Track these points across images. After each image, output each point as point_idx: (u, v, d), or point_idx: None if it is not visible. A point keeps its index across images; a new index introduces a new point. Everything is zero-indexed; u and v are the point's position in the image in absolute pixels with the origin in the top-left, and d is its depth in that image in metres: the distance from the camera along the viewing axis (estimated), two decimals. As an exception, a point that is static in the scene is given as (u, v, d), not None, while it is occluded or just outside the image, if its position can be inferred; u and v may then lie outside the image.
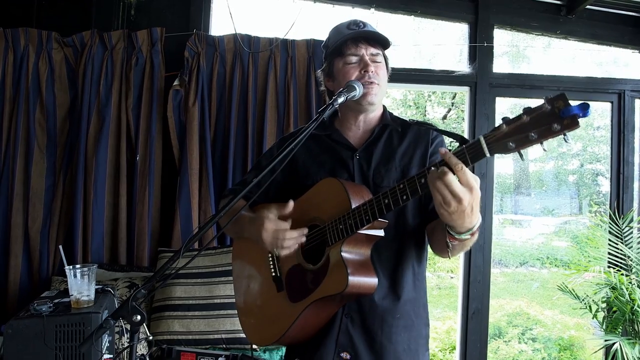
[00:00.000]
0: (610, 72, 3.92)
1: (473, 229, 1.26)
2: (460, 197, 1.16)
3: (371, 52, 1.56)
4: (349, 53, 1.56)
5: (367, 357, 1.50)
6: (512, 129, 1.08)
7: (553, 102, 1.02)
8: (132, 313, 1.20)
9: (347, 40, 1.56)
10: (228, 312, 2.83)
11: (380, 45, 1.59)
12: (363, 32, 1.55)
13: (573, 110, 1.00)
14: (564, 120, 1.01)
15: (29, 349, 2.07)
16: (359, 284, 1.39)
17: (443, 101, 8.61)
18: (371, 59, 1.56)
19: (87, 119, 3.23)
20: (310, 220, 1.52)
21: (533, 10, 3.63)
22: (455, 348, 4.28)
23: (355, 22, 1.58)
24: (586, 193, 7.08)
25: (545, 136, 1.04)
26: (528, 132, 1.06)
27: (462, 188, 1.16)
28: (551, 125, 1.02)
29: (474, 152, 1.14)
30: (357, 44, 1.56)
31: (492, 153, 1.11)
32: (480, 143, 1.12)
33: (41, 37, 3.26)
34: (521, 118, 1.07)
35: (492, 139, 1.11)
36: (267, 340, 1.60)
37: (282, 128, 3.30)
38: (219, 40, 3.32)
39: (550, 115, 1.03)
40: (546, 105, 1.03)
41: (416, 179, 1.25)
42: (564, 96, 1.02)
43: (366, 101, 1.56)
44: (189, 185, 3.20)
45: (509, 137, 1.08)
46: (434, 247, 1.55)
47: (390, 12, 3.63)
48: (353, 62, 1.56)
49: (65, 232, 3.25)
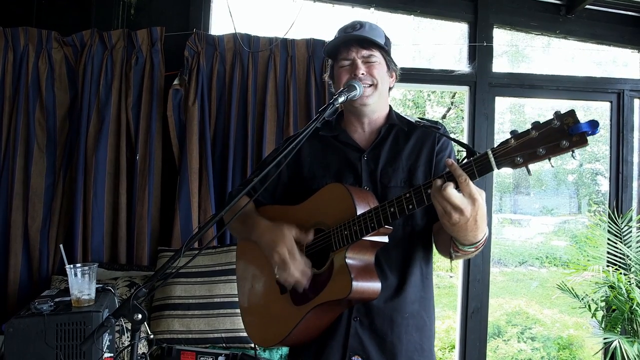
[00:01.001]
0: (609, 71, 3.93)
1: (477, 244, 1.27)
2: (462, 209, 1.17)
3: (362, 55, 1.56)
4: (341, 57, 1.58)
5: (379, 358, 1.50)
6: (521, 144, 1.08)
7: (562, 118, 1.03)
8: (133, 312, 1.20)
9: (339, 45, 1.57)
10: (228, 311, 2.83)
11: (375, 46, 1.58)
12: (353, 36, 1.55)
13: (582, 128, 1.00)
14: (573, 137, 1.01)
15: (29, 348, 2.08)
16: (363, 290, 1.39)
17: (442, 101, 8.60)
18: (364, 60, 1.56)
19: (87, 118, 3.23)
20: (315, 224, 1.52)
21: (532, 9, 3.63)
22: (454, 347, 4.28)
23: (353, 24, 1.58)
24: (585, 192, 7.09)
25: (553, 152, 1.05)
26: (536, 148, 1.06)
27: (463, 200, 1.17)
28: (560, 142, 1.03)
29: (481, 166, 1.14)
30: (349, 48, 1.56)
31: (500, 167, 1.12)
32: (488, 157, 1.13)
33: (41, 37, 3.26)
34: (529, 133, 1.07)
35: (500, 153, 1.11)
36: (270, 341, 1.59)
37: (282, 127, 3.30)
38: (218, 39, 3.32)
39: (559, 131, 1.03)
40: (555, 121, 1.03)
41: (422, 189, 1.25)
42: (573, 113, 1.02)
43: (359, 102, 1.55)
44: (189, 185, 3.20)
45: (517, 152, 1.09)
46: (438, 247, 1.55)
47: (390, 12, 3.63)
48: (345, 65, 1.57)
49: (65, 231, 3.25)
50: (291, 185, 1.67)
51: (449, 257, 1.41)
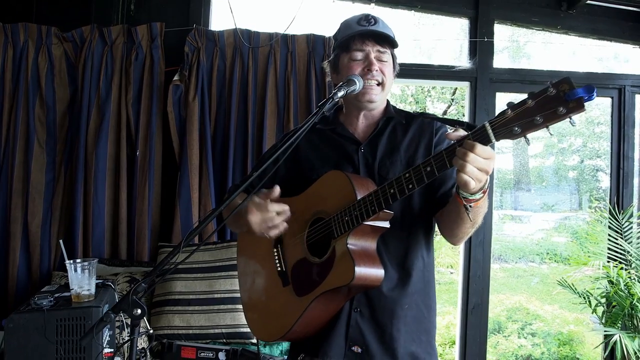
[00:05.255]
0: (610, 67, 3.92)
1: (485, 187, 1.27)
2: (487, 168, 1.18)
3: (378, 50, 1.56)
4: (354, 49, 1.56)
5: (378, 349, 1.50)
6: (518, 114, 1.08)
7: (558, 85, 1.03)
8: (132, 307, 1.21)
9: (354, 36, 1.55)
10: (228, 307, 2.83)
11: (389, 44, 1.58)
12: (371, 31, 1.54)
13: (579, 93, 1.00)
14: (570, 103, 1.01)
15: (29, 343, 2.08)
16: (366, 276, 1.39)
17: (443, 96, 8.59)
18: (377, 57, 1.55)
19: (87, 114, 3.23)
20: (315, 214, 1.52)
21: (533, 5, 3.62)
22: (454, 343, 4.28)
23: (367, 17, 1.57)
24: (586, 189, 7.08)
25: (551, 120, 1.05)
26: (533, 117, 1.06)
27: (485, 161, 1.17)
28: (557, 109, 1.03)
29: (479, 138, 1.15)
30: (364, 41, 1.55)
31: (498, 139, 1.12)
32: (486, 129, 1.13)
33: (41, 32, 3.25)
34: (526, 103, 1.07)
35: (498, 125, 1.12)
36: (274, 336, 1.60)
37: (282, 123, 3.30)
38: (218, 35, 3.31)
39: (556, 98, 1.03)
40: (551, 89, 1.04)
41: (422, 167, 1.26)
42: (568, 79, 1.02)
43: (366, 99, 1.56)
44: (189, 180, 3.20)
45: (514, 122, 1.09)
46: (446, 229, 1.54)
47: (391, 7, 3.62)
48: (358, 58, 1.56)
49: (66, 227, 3.26)
50: (290, 179, 1.67)
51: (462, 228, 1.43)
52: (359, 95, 1.54)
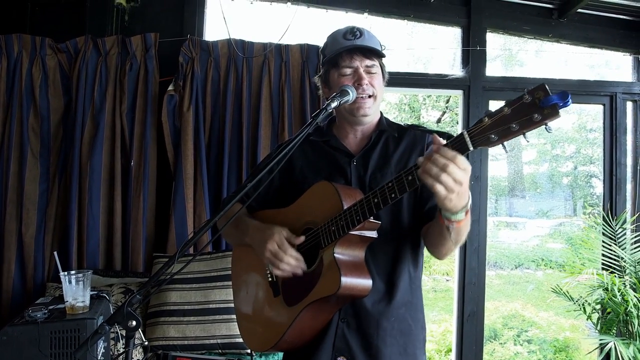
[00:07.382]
0: (602, 74, 3.96)
1: (467, 207, 1.27)
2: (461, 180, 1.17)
3: (366, 64, 1.57)
4: (343, 65, 1.57)
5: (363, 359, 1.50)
6: (494, 122, 1.10)
7: (533, 92, 1.04)
8: (127, 318, 1.20)
9: (342, 52, 1.57)
10: (224, 317, 2.82)
11: (376, 56, 1.59)
12: (358, 46, 1.56)
13: (553, 100, 1.02)
14: (544, 110, 1.02)
15: (23, 356, 2.06)
16: (352, 286, 1.39)
17: (437, 104, 8.66)
18: (366, 70, 1.57)
19: (82, 124, 3.23)
20: (305, 224, 1.53)
21: (525, 14, 3.66)
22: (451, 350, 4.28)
23: (352, 30, 1.58)
24: (580, 195, 7.13)
25: (526, 127, 1.06)
26: (510, 124, 1.07)
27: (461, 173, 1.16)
28: (532, 116, 1.04)
29: (458, 147, 1.15)
30: (352, 56, 1.56)
31: (476, 146, 1.13)
32: (464, 137, 1.14)
33: (35, 43, 3.25)
34: (502, 110, 1.09)
35: (475, 133, 1.13)
36: (265, 346, 1.60)
37: (277, 132, 3.30)
38: (213, 45, 3.32)
39: (531, 105, 1.04)
40: (526, 96, 1.05)
41: (403, 177, 1.26)
42: (543, 87, 1.03)
43: (360, 114, 1.57)
44: (184, 190, 3.20)
45: (491, 130, 1.10)
46: (430, 245, 1.55)
47: (384, 17, 3.65)
48: (347, 74, 1.57)
49: (60, 238, 3.23)
50: (283, 190, 1.68)
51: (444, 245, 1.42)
52: (353, 110, 1.56)
